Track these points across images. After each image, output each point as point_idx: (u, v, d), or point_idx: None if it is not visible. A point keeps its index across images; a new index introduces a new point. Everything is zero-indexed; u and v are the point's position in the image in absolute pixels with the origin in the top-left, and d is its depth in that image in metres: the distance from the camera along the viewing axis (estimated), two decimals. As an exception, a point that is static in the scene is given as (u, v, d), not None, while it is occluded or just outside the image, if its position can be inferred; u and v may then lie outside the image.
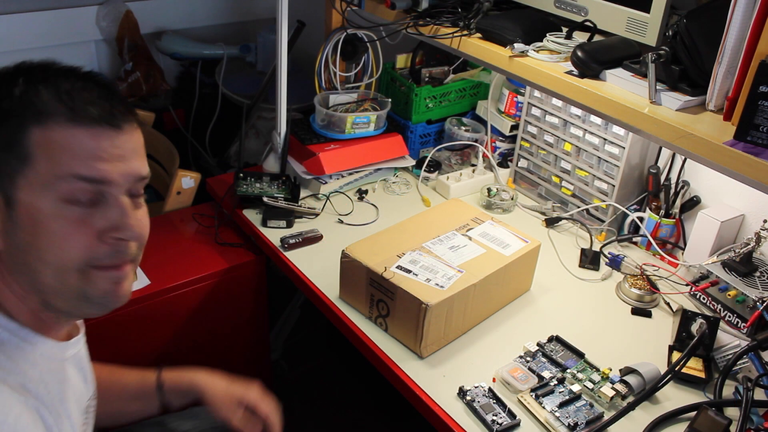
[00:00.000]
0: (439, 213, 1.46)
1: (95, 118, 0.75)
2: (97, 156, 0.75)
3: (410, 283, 1.21)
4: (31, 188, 0.75)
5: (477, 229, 1.39)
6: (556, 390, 1.14)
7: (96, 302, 0.81)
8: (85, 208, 0.76)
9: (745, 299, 1.29)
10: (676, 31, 1.11)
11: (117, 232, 0.78)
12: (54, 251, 0.76)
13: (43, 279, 0.77)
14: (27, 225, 0.75)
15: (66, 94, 0.75)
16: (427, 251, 1.30)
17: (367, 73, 1.90)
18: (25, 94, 0.75)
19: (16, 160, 0.74)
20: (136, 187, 0.81)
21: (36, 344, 0.82)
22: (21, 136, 0.74)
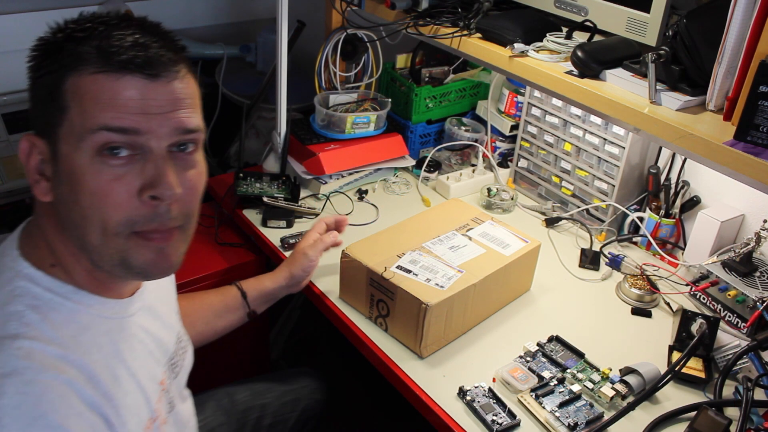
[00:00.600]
0: (439, 213, 1.46)
1: (127, 65, 0.71)
2: (127, 105, 0.71)
3: (410, 283, 1.21)
4: (69, 140, 0.72)
5: (477, 229, 1.39)
6: (556, 390, 1.14)
7: (137, 271, 0.78)
8: (121, 164, 0.73)
9: (745, 299, 1.29)
10: (676, 31, 1.11)
11: (152, 189, 0.73)
12: (94, 209, 0.73)
13: (89, 238, 0.75)
14: (68, 179, 0.73)
15: (102, 41, 0.72)
16: (427, 251, 1.30)
17: (367, 73, 1.90)
18: (67, 42, 0.73)
19: (57, 111, 0.73)
20: (181, 140, 0.76)
21: (91, 305, 0.79)
22: (59, 85, 0.72)
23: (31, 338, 0.71)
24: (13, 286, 0.75)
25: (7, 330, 0.71)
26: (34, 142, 0.76)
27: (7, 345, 0.69)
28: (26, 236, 0.81)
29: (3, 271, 0.77)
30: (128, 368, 0.81)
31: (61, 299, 0.76)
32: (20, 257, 0.78)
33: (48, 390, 0.69)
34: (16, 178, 1.74)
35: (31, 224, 0.82)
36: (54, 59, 0.73)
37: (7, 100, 1.82)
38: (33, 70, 0.76)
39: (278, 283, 1.32)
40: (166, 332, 0.94)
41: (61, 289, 0.77)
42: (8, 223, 1.74)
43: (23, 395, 0.67)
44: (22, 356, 0.69)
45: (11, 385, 0.67)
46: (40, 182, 0.77)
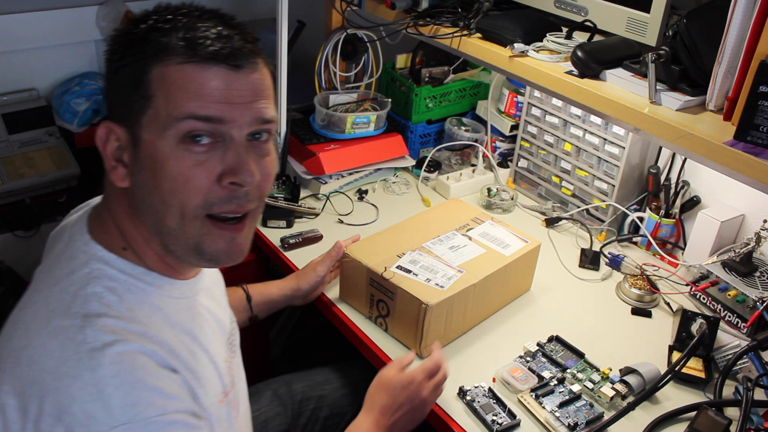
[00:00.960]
0: (439, 213, 1.46)
1: (213, 56, 0.74)
2: (212, 95, 0.74)
3: (410, 283, 1.21)
4: (152, 127, 0.75)
5: (477, 229, 1.39)
6: (556, 390, 1.14)
7: (208, 258, 0.81)
8: (203, 151, 0.75)
9: (745, 299, 1.29)
10: (676, 31, 1.11)
11: (234, 176, 0.76)
12: (175, 194, 0.76)
13: (167, 222, 0.77)
14: (149, 165, 0.76)
15: (188, 32, 0.74)
16: (427, 251, 1.30)
17: (367, 73, 1.90)
18: (152, 32, 0.75)
19: (141, 99, 0.75)
20: (258, 129, 0.79)
21: (161, 287, 0.82)
22: (144, 74, 0.74)
23: (113, 317, 0.74)
24: (90, 269, 0.78)
25: (90, 309, 0.74)
26: (112, 129, 0.78)
27: (94, 322, 0.73)
28: (95, 221, 0.83)
29: (77, 255, 0.80)
30: (200, 344, 0.85)
31: (134, 280, 0.80)
32: (92, 241, 0.81)
33: (138, 358, 0.72)
34: (16, 178, 1.74)
35: (99, 209, 0.85)
36: (139, 49, 0.75)
37: (7, 100, 1.82)
38: (114, 59, 0.78)
39: (283, 292, 1.32)
40: (222, 312, 0.98)
41: (134, 271, 0.80)
42: (8, 223, 1.74)
43: (119, 364, 0.70)
44: (109, 331, 0.72)
45: (105, 357, 0.70)
46: (117, 168, 0.79)
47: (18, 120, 1.81)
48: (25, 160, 1.78)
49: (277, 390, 1.32)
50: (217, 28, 0.76)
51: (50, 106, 1.87)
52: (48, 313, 0.75)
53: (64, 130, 1.86)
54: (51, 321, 0.74)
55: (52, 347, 0.72)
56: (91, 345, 0.71)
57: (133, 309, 0.77)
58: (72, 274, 0.78)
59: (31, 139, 1.82)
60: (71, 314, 0.74)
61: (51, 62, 1.87)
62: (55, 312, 0.74)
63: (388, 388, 1.07)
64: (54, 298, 0.76)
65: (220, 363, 0.89)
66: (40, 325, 0.74)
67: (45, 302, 0.76)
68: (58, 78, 1.90)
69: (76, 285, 0.76)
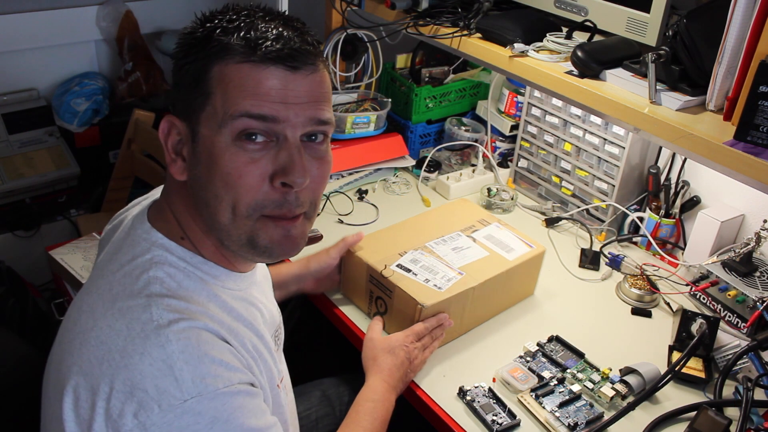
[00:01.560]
0: (446, 213, 1.46)
1: (272, 57, 0.75)
2: (269, 95, 0.75)
3: (408, 282, 1.21)
4: (210, 124, 0.77)
5: (482, 231, 1.38)
6: (556, 390, 1.14)
7: (262, 250, 0.82)
8: (257, 149, 0.77)
9: (745, 299, 1.29)
10: (676, 31, 1.11)
11: (285, 176, 0.77)
12: (227, 189, 0.77)
13: (219, 217, 0.79)
14: (205, 160, 0.78)
15: (248, 32, 0.76)
16: (430, 251, 1.30)
17: (367, 73, 1.90)
18: (214, 32, 0.77)
19: (201, 96, 0.77)
20: (313, 130, 0.80)
21: (218, 277, 0.84)
22: (205, 72, 0.77)
23: (176, 298, 0.77)
24: (152, 254, 0.80)
25: (153, 290, 0.77)
26: (174, 123, 0.81)
27: (158, 301, 0.75)
28: (155, 211, 0.86)
29: (139, 242, 0.82)
30: (255, 331, 0.86)
31: (192, 268, 0.82)
32: (153, 229, 0.83)
33: (202, 334, 0.75)
34: (16, 178, 1.74)
35: (159, 202, 0.87)
36: (201, 48, 0.77)
37: (7, 100, 1.82)
38: (179, 57, 0.80)
39: (291, 271, 1.31)
40: (272, 306, 1.00)
41: (192, 259, 0.83)
42: (8, 223, 1.74)
43: (186, 339, 0.73)
44: (173, 310, 0.75)
45: (172, 333, 0.73)
46: (176, 161, 0.82)
47: (18, 120, 1.82)
48: (25, 160, 1.78)
49: (326, 391, 1.34)
50: (278, 29, 0.77)
51: (50, 106, 1.87)
52: (112, 296, 0.77)
53: (64, 130, 1.87)
54: (116, 302, 0.76)
55: (119, 327, 0.74)
56: (157, 323, 0.73)
57: (192, 294, 0.79)
58: (134, 259, 0.80)
59: (31, 139, 1.83)
60: (135, 295, 0.76)
61: (51, 62, 1.87)
62: (120, 294, 0.77)
63: (391, 349, 1.14)
64: (117, 282, 0.78)
65: (273, 351, 0.91)
66: (106, 307, 0.76)
67: (109, 287, 0.79)
68: (58, 78, 1.91)
69: (139, 269, 0.79)
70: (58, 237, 1.81)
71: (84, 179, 1.86)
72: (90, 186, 1.89)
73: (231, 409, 0.73)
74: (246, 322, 0.85)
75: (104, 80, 1.95)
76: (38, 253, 1.76)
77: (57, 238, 1.81)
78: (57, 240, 1.77)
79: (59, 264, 1.61)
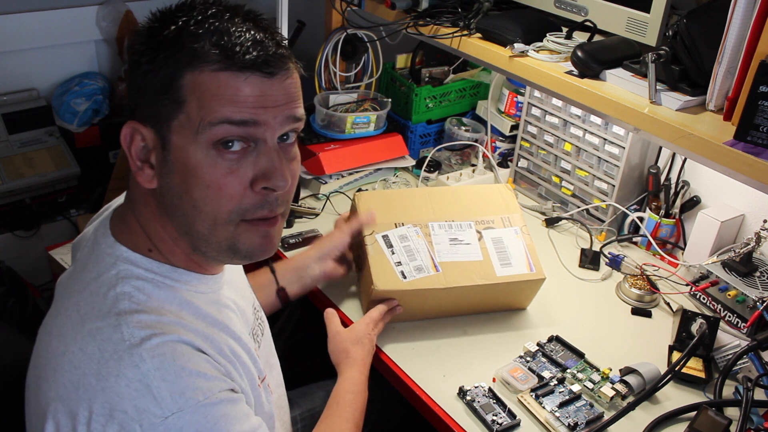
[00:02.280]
0: (478, 194, 1.37)
1: (248, 64, 0.74)
2: (247, 101, 0.74)
3: (380, 258, 1.20)
4: (184, 132, 0.75)
5: (495, 231, 1.30)
6: (556, 390, 1.14)
7: (243, 255, 0.82)
8: (235, 158, 0.76)
9: (745, 299, 1.29)
10: (676, 31, 1.11)
11: (267, 181, 0.77)
12: (207, 201, 0.76)
13: (197, 227, 0.78)
14: (180, 170, 0.76)
15: (221, 38, 0.74)
16: (426, 233, 1.26)
17: (367, 73, 1.90)
18: (183, 36, 0.74)
19: (171, 104, 0.75)
20: (290, 129, 0.80)
21: (189, 282, 0.83)
22: (176, 79, 0.74)
23: (145, 312, 0.75)
24: (117, 270, 0.79)
25: (122, 307, 0.75)
26: (137, 129, 0.78)
27: (128, 319, 0.74)
28: (119, 221, 0.84)
29: (103, 257, 0.81)
30: (232, 333, 0.86)
31: (161, 278, 0.80)
32: (117, 243, 0.81)
33: (176, 347, 0.74)
34: (16, 178, 1.74)
35: (122, 210, 0.85)
36: (170, 54, 0.74)
37: (7, 100, 1.82)
38: (143, 61, 0.76)
39: (306, 254, 1.30)
40: (244, 303, 0.99)
41: (160, 269, 0.81)
42: (8, 223, 1.74)
43: (160, 356, 0.72)
44: (144, 326, 0.74)
45: (145, 351, 0.71)
46: (143, 169, 0.79)
47: (18, 120, 1.82)
48: (25, 160, 1.78)
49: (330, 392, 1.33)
50: (251, 32, 0.75)
51: (50, 106, 1.87)
52: (81, 317, 0.76)
53: (64, 130, 1.86)
54: (85, 324, 0.75)
55: (91, 350, 0.72)
56: (129, 342, 0.72)
57: (163, 305, 0.78)
58: (100, 276, 0.79)
59: (31, 139, 1.83)
60: (104, 314, 0.75)
61: (51, 62, 1.87)
62: (88, 315, 0.75)
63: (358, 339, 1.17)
64: (85, 302, 0.77)
65: (252, 351, 0.90)
66: (75, 329, 0.75)
67: (76, 307, 0.77)
68: (58, 78, 1.90)
69: (106, 286, 0.77)
70: (58, 237, 1.81)
71: (84, 179, 1.86)
72: (90, 186, 1.89)
73: (214, 419, 0.73)
74: (221, 325, 0.84)
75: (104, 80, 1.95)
76: (38, 253, 1.76)
77: (57, 238, 1.80)
78: (57, 240, 1.77)
79: (59, 264, 1.61)
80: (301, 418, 1.29)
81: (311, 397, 1.33)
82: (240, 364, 0.84)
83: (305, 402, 1.31)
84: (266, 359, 1.03)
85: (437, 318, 1.30)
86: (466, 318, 1.31)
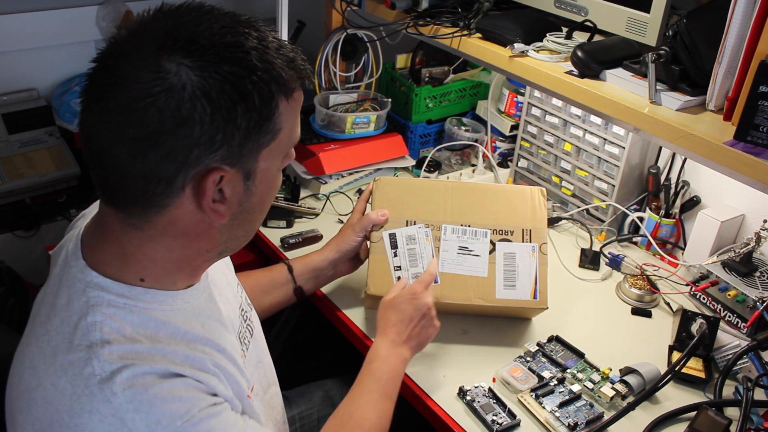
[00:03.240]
0: (507, 197, 1.27)
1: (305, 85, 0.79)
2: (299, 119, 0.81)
3: (380, 258, 1.19)
4: (272, 157, 0.78)
5: (512, 245, 1.23)
6: (556, 390, 1.14)
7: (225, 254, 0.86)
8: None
9: (745, 299, 1.29)
10: (676, 31, 1.11)
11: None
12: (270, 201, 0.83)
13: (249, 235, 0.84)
14: (262, 189, 0.79)
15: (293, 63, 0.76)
16: (437, 236, 1.22)
17: (367, 73, 1.90)
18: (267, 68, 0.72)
19: (268, 135, 0.75)
20: None
21: (164, 302, 0.80)
22: (273, 111, 0.74)
23: (117, 342, 0.73)
24: (87, 297, 0.76)
25: (93, 339, 0.73)
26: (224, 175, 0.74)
27: (98, 352, 0.72)
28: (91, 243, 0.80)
29: (74, 282, 0.78)
30: (216, 346, 0.84)
31: (133, 302, 0.77)
32: (87, 267, 0.78)
33: (148, 378, 0.72)
34: (16, 178, 1.74)
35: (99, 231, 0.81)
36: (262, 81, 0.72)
37: (7, 100, 1.82)
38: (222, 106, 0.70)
39: (324, 255, 1.28)
40: (228, 307, 0.97)
41: (131, 292, 0.78)
42: (8, 223, 1.74)
43: (131, 388, 0.70)
44: (115, 358, 0.71)
45: (116, 385, 0.70)
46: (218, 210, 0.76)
47: (18, 120, 1.81)
48: (25, 160, 1.78)
49: (328, 391, 1.34)
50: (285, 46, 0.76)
51: (50, 106, 1.87)
52: (52, 349, 0.74)
53: (64, 130, 1.86)
54: (57, 357, 0.73)
55: (63, 385, 0.71)
56: (99, 377, 0.70)
57: (138, 330, 0.76)
58: (70, 303, 0.76)
59: (31, 139, 1.82)
60: (75, 347, 0.73)
61: (51, 62, 1.87)
62: (59, 347, 0.74)
63: (394, 305, 1.12)
64: (55, 332, 0.75)
65: (239, 360, 0.89)
66: (47, 363, 0.73)
67: (47, 337, 0.75)
68: (58, 78, 1.90)
69: (76, 315, 0.75)
70: (58, 237, 1.80)
71: (84, 179, 1.86)
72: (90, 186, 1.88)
73: None
74: (204, 339, 0.82)
75: (104, 80, 1.95)
76: (38, 253, 1.76)
77: (57, 238, 1.80)
78: (57, 240, 1.75)
79: (59, 264, 1.61)
80: (300, 417, 1.29)
81: (310, 396, 1.33)
82: (225, 376, 0.82)
83: (304, 401, 1.31)
84: (257, 359, 1.02)
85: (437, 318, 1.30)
86: (466, 318, 1.31)
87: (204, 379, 0.77)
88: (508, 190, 1.30)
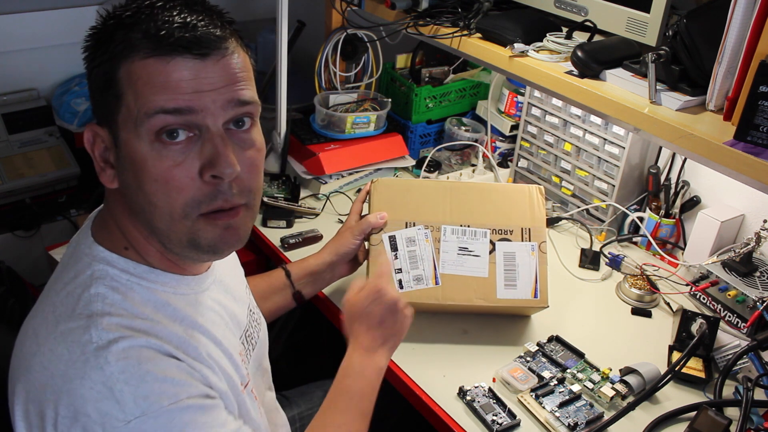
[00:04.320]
0: (506, 196, 1.27)
1: (177, 47, 0.71)
2: (180, 87, 0.72)
3: (380, 262, 1.19)
4: (127, 126, 0.74)
5: (511, 245, 1.23)
6: (556, 390, 1.14)
7: (205, 249, 0.79)
8: (180, 149, 0.74)
9: (745, 299, 1.29)
10: (676, 31, 1.11)
11: (212, 169, 0.74)
12: (159, 196, 0.74)
13: (157, 223, 0.77)
14: (130, 166, 0.75)
15: (149, 25, 0.72)
16: (436, 237, 1.22)
17: (367, 73, 1.90)
18: (117, 30, 0.73)
19: (114, 99, 0.74)
20: (236, 114, 0.76)
21: (166, 283, 0.82)
22: (114, 74, 0.73)
23: (117, 315, 0.75)
24: (93, 270, 0.78)
25: (94, 309, 0.74)
26: (97, 131, 0.78)
27: (98, 321, 0.73)
28: (99, 223, 0.84)
29: (81, 258, 0.80)
30: (212, 337, 0.84)
31: (137, 279, 0.79)
32: (95, 243, 0.81)
33: (144, 351, 0.73)
34: (16, 178, 1.74)
35: (102, 211, 0.85)
36: (106, 49, 0.74)
37: (7, 100, 1.82)
38: (88, 60, 0.77)
39: (321, 259, 1.27)
40: (237, 305, 0.97)
41: (136, 269, 0.80)
42: (8, 223, 1.74)
43: (125, 360, 0.71)
44: (113, 329, 0.73)
45: (111, 354, 0.71)
46: (105, 170, 0.79)
47: (18, 120, 1.82)
48: (25, 160, 1.78)
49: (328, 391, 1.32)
50: (182, 15, 0.73)
51: (50, 106, 1.87)
52: (56, 318, 0.75)
53: (64, 130, 1.86)
54: (58, 325, 0.74)
55: (61, 351, 0.72)
56: (96, 344, 0.71)
57: (137, 306, 0.77)
58: (76, 277, 0.78)
59: (31, 139, 1.83)
60: (76, 316, 0.74)
61: (51, 62, 1.87)
62: (62, 316, 0.75)
63: (361, 312, 1.02)
64: (60, 303, 0.77)
65: (235, 356, 0.89)
66: (49, 330, 0.75)
67: (52, 308, 0.77)
68: (58, 78, 1.90)
69: (81, 287, 0.77)
70: (58, 237, 1.81)
71: (84, 179, 1.86)
72: (90, 186, 1.89)
73: (180, 425, 0.71)
74: (201, 328, 0.82)
75: (104, 80, 1.95)
76: (38, 253, 1.76)
77: (57, 238, 1.80)
78: (57, 240, 1.76)
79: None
80: (300, 417, 1.29)
81: (310, 396, 1.33)
82: (219, 368, 0.82)
83: (304, 402, 1.31)
84: (258, 362, 1.02)
85: (437, 318, 1.30)
86: (466, 318, 1.31)
87: (197, 367, 0.78)
88: (505, 189, 1.30)
